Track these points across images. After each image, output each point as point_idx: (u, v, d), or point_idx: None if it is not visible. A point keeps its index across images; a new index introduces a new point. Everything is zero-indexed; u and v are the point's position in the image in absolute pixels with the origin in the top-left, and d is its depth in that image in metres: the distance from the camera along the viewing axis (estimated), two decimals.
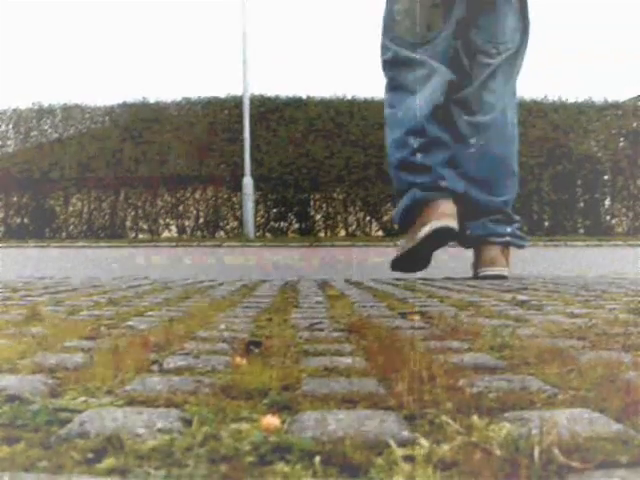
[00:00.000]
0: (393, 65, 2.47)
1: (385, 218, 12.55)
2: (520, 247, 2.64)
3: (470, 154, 2.50)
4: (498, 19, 2.44)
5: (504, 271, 2.50)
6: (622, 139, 12.70)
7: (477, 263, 2.60)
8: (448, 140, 2.44)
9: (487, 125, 2.48)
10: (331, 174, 12.30)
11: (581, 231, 12.61)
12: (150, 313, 1.51)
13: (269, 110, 12.61)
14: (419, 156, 2.40)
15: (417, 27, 2.35)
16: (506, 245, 2.55)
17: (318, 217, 12.78)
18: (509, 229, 2.56)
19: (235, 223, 12.65)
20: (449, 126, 2.46)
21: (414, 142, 2.39)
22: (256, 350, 0.99)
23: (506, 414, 0.64)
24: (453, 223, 2.35)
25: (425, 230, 2.31)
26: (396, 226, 2.69)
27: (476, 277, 2.57)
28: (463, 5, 2.38)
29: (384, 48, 2.49)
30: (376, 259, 5.41)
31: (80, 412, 0.64)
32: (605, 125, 12.62)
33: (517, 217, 2.62)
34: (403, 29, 2.40)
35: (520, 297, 1.88)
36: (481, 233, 2.55)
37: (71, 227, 12.97)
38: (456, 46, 2.44)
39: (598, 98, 12.85)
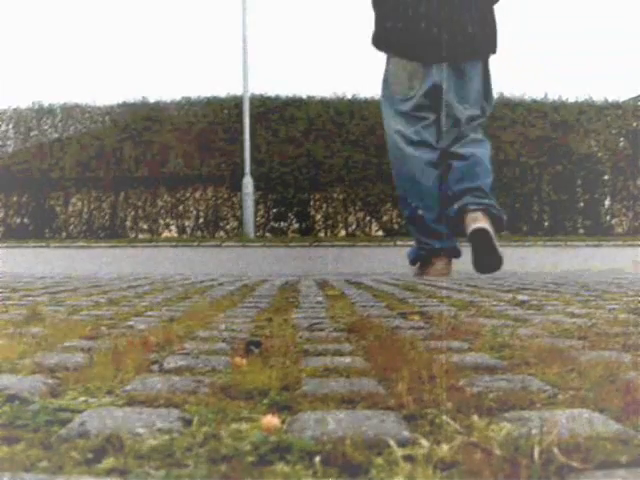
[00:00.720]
0: (388, 107, 3.29)
1: (385, 218, 12.55)
2: (499, 218, 3.04)
3: (453, 162, 3.13)
4: (466, 83, 3.15)
5: (487, 227, 2.92)
6: (622, 139, 12.68)
7: (466, 228, 2.99)
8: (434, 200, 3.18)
9: (464, 142, 3.18)
10: (331, 174, 12.29)
11: (581, 231, 12.59)
12: (150, 313, 1.51)
13: (269, 110, 12.60)
14: (420, 212, 3.16)
15: (403, 88, 3.18)
16: (485, 210, 2.97)
17: (318, 217, 12.77)
18: (487, 201, 3.02)
19: (235, 223, 12.63)
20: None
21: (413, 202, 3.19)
22: (256, 350, 0.99)
23: (506, 414, 0.64)
24: (446, 274, 3.09)
25: (430, 276, 3.03)
26: (410, 262, 3.38)
27: (467, 237, 2.98)
28: (439, 72, 3.11)
29: (384, 100, 3.32)
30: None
31: (80, 412, 0.64)
32: (605, 125, 12.61)
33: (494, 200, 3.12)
34: (394, 88, 3.22)
35: (520, 297, 1.88)
36: (464, 203, 3.01)
37: (71, 227, 12.96)
38: (434, 100, 3.16)
39: (598, 98, 12.85)
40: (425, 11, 3.06)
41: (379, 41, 3.23)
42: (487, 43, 3.20)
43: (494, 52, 3.23)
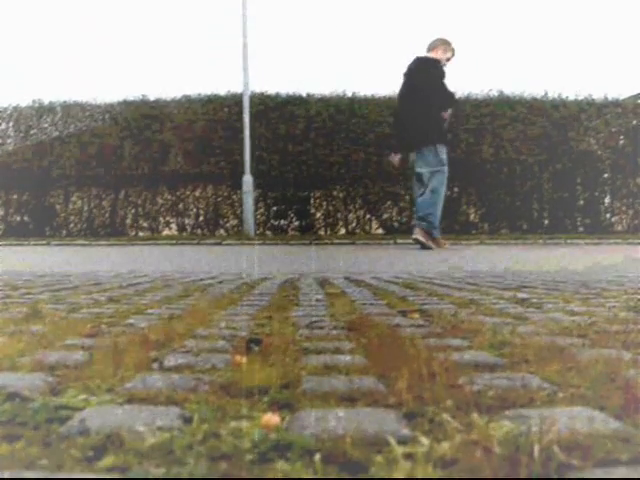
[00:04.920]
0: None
1: (385, 216, 12.55)
2: (427, 230, 6.71)
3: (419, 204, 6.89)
4: (427, 156, 6.77)
5: (417, 236, 6.71)
6: (622, 137, 12.65)
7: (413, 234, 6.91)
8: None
9: (425, 191, 6.80)
10: (331, 172, 12.27)
11: (581, 229, 12.57)
12: (150, 311, 1.51)
13: (269, 107, 12.57)
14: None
15: (410, 163, 7.15)
16: (419, 227, 6.73)
17: (318, 215, 12.76)
18: (423, 223, 6.68)
19: (235, 221, 12.61)
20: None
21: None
22: (256, 348, 0.99)
23: (506, 412, 0.64)
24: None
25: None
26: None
27: (411, 237, 7.00)
28: (414, 155, 6.95)
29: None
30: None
31: (80, 410, 0.64)
32: (605, 123, 12.58)
33: (434, 224, 6.78)
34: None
35: (520, 295, 1.88)
36: (413, 223, 7.00)
37: (71, 225, 12.95)
38: (416, 167, 6.93)
39: (598, 96, 12.80)
40: (407, 132, 6.95)
41: (396, 149, 7.38)
42: (435, 138, 6.75)
43: (440, 142, 6.78)
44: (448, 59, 7.17)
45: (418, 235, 6.65)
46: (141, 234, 12.76)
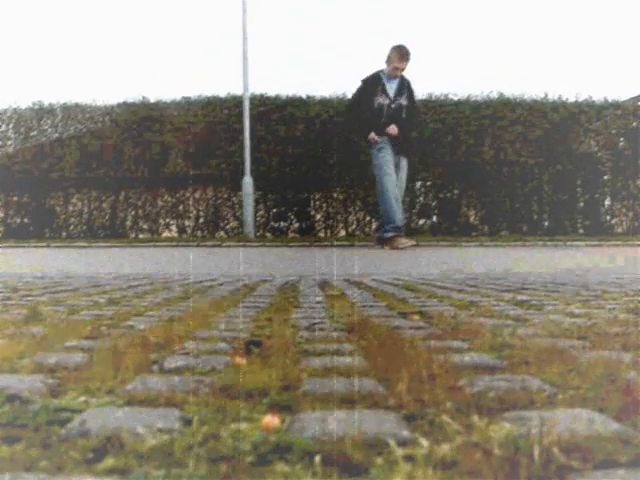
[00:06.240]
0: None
1: None
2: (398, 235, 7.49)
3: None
4: (402, 168, 7.79)
5: (406, 244, 7.27)
6: (622, 139, 12.64)
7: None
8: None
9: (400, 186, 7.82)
10: (331, 173, 12.26)
11: (581, 231, 12.56)
12: (150, 313, 1.51)
13: (269, 109, 12.56)
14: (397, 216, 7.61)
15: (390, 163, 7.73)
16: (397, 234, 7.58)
17: (318, 217, 12.74)
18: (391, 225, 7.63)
19: (235, 223, 12.59)
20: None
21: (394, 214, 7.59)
22: (256, 350, 0.99)
23: (506, 414, 0.64)
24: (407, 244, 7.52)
25: (398, 246, 7.33)
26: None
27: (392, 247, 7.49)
28: (397, 159, 7.70)
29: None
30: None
31: (80, 412, 0.64)
32: (605, 125, 12.57)
33: (383, 226, 7.74)
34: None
35: (520, 297, 1.88)
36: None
37: (71, 227, 12.94)
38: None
39: (598, 97, 12.79)
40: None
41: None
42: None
43: (372, 148, 7.74)
44: (397, 68, 7.28)
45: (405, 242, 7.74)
46: (141, 236, 12.76)
